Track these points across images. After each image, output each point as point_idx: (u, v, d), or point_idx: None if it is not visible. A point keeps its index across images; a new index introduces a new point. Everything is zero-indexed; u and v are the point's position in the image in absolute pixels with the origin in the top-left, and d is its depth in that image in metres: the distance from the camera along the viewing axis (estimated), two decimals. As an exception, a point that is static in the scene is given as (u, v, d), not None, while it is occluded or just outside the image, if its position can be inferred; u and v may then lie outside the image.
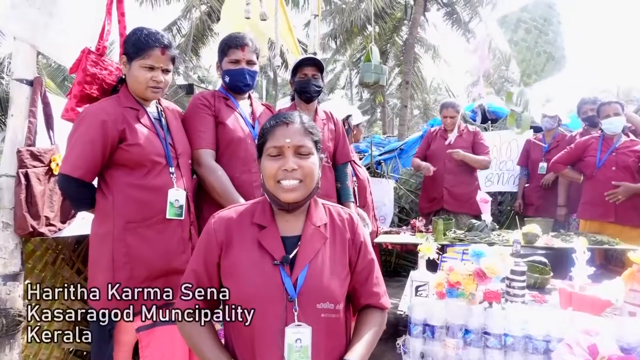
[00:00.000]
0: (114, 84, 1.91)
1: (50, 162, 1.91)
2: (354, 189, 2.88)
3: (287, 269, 1.13)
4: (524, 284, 1.98)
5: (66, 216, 2.03)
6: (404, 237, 3.30)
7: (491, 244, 2.63)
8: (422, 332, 1.88)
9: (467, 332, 1.82)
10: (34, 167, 1.85)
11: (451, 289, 1.92)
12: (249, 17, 3.18)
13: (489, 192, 3.96)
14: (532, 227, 2.90)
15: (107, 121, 1.69)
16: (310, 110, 2.57)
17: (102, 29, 2.00)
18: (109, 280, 1.65)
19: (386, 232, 3.54)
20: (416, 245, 2.39)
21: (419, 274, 2.10)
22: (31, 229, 1.82)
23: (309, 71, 2.49)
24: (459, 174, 3.81)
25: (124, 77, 1.87)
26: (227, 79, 2.14)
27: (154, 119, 1.86)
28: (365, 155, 5.73)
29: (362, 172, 3.35)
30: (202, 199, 2.05)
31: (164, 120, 1.90)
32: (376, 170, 5.31)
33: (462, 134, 3.91)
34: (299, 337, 1.08)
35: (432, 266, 2.23)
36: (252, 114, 2.22)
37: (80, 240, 2.41)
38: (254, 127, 2.16)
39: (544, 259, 2.41)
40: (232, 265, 1.15)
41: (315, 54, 3.82)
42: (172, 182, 1.81)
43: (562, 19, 3.59)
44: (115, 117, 1.72)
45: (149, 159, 1.77)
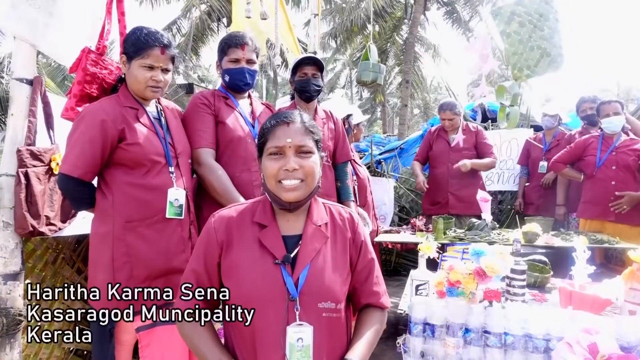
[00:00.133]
0: (114, 84, 1.91)
1: (50, 161, 1.91)
2: (354, 188, 2.88)
3: (288, 268, 1.13)
4: (524, 283, 1.98)
5: (67, 215, 2.03)
6: (404, 236, 3.30)
7: (491, 243, 2.63)
8: (422, 331, 1.88)
9: (467, 331, 1.82)
10: (34, 166, 1.84)
11: (451, 288, 1.92)
12: (249, 17, 3.19)
13: (489, 191, 3.95)
14: (532, 226, 2.89)
15: (107, 120, 1.69)
16: (310, 109, 2.56)
17: (102, 29, 2.00)
18: (109, 279, 1.65)
19: (386, 231, 3.54)
20: (416, 244, 2.38)
21: (419, 273, 2.10)
22: (31, 229, 1.82)
23: (309, 70, 2.49)
24: (464, 177, 3.73)
25: (123, 76, 1.86)
26: (227, 78, 2.14)
27: (153, 119, 1.85)
28: (365, 154, 5.73)
29: (362, 171, 3.35)
30: (202, 198, 2.05)
31: (163, 119, 1.90)
32: (376, 169, 5.31)
33: (464, 135, 3.81)
34: (300, 337, 1.08)
35: (432, 265, 2.23)
36: (252, 113, 2.22)
37: (80, 239, 2.41)
38: (253, 126, 2.16)
39: (544, 258, 2.41)
40: (233, 264, 1.15)
41: (315, 53, 3.83)
42: (171, 181, 1.81)
43: (560, 16, 3.50)
44: (114, 117, 1.72)
45: (148, 159, 1.77)
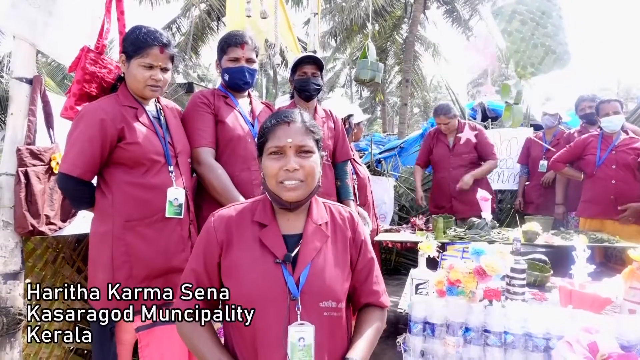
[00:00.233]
0: (113, 83, 1.91)
1: (50, 160, 1.91)
2: (354, 187, 2.88)
3: (289, 267, 1.12)
4: (524, 282, 1.97)
5: (67, 215, 2.03)
6: (404, 235, 3.30)
7: (491, 242, 2.63)
8: (422, 330, 1.87)
9: (467, 330, 1.81)
10: (34, 165, 1.84)
11: (451, 287, 1.92)
12: (249, 16, 3.19)
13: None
14: (532, 225, 2.89)
15: (106, 120, 1.69)
16: (309, 108, 2.56)
17: (102, 28, 2.00)
18: (108, 279, 1.65)
19: (386, 230, 3.54)
20: (416, 243, 2.38)
21: (419, 272, 2.10)
22: (31, 228, 1.82)
23: (309, 69, 2.49)
24: None
25: (123, 75, 1.86)
26: (226, 77, 2.14)
27: (152, 118, 1.85)
28: (365, 153, 5.73)
29: (362, 171, 3.35)
30: (202, 197, 2.05)
31: (162, 118, 1.90)
32: (376, 168, 5.31)
33: (465, 139, 3.80)
34: (302, 336, 1.08)
35: (432, 264, 2.22)
36: (252, 112, 2.22)
37: (80, 238, 2.41)
38: (253, 125, 2.16)
39: (544, 257, 2.41)
40: (233, 264, 1.14)
41: (315, 52, 3.82)
42: (171, 180, 1.81)
43: (563, 13, 3.48)
44: (113, 116, 1.71)
45: (147, 158, 1.76)
